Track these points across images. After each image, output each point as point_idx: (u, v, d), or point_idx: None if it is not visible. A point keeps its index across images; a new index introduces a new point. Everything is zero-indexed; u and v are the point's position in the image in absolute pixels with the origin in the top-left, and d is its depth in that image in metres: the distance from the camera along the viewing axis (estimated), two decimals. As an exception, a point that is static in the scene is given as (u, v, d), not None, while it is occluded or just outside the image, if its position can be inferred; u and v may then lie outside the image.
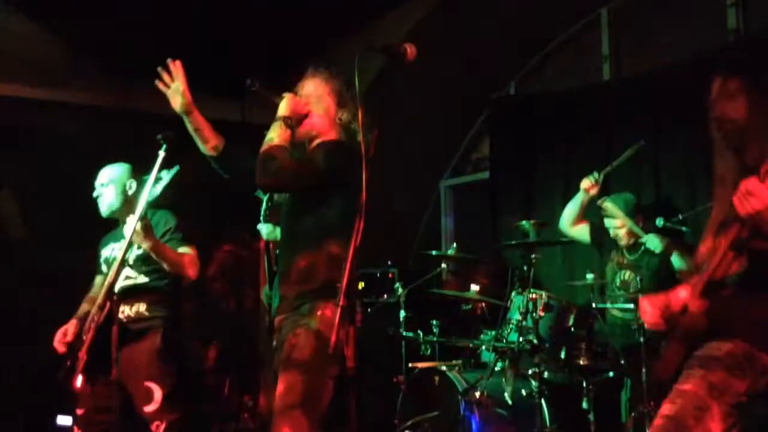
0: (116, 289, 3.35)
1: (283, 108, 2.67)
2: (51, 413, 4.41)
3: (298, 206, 2.68)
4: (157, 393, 3.20)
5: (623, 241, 4.12)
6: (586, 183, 4.17)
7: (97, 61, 5.02)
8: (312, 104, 2.74)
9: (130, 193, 3.50)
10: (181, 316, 3.44)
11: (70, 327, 3.37)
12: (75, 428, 3.26)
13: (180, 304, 3.46)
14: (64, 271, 4.18)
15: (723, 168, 2.23)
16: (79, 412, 3.27)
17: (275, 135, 2.61)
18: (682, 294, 2.24)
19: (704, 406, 2.01)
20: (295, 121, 2.68)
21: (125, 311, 3.37)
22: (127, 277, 3.39)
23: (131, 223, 2.91)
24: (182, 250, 3.39)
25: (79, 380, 3.04)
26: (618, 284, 4.12)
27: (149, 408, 3.20)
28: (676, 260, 3.88)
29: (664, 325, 2.24)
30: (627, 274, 4.11)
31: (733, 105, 2.18)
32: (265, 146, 2.59)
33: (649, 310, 2.27)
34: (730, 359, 2.04)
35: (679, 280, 3.48)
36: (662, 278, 3.85)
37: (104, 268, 3.52)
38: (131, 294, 3.38)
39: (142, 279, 3.39)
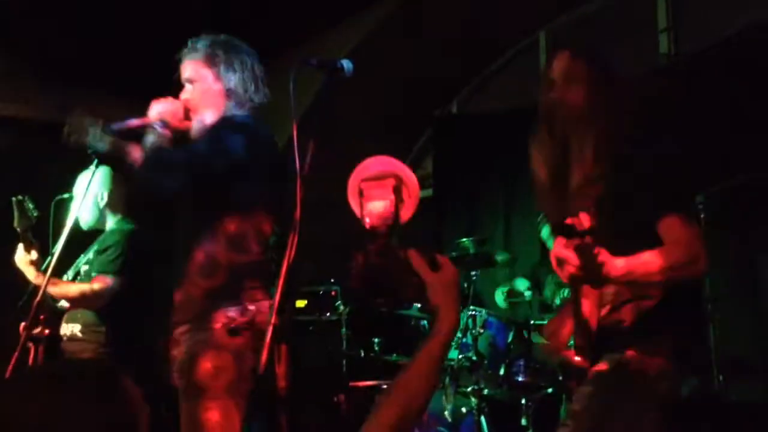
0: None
1: (152, 117, 2.37)
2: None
3: (193, 200, 2.37)
4: None
5: None
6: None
7: (32, 73, 4.89)
8: (185, 92, 2.43)
9: (102, 204, 3.38)
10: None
11: None
12: None
13: (132, 327, 3.23)
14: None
15: (541, 157, 2.16)
16: None
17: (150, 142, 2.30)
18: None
19: (597, 427, 1.93)
20: (169, 120, 2.38)
21: (65, 329, 3.24)
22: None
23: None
24: (97, 277, 3.17)
25: None
26: (559, 303, 4.18)
27: None
28: None
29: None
30: (567, 292, 4.17)
31: (575, 89, 2.07)
32: (145, 156, 2.29)
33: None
34: (619, 372, 1.95)
35: None
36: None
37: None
38: (73, 311, 3.24)
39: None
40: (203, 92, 2.42)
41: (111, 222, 3.40)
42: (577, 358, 2.05)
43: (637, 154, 1.98)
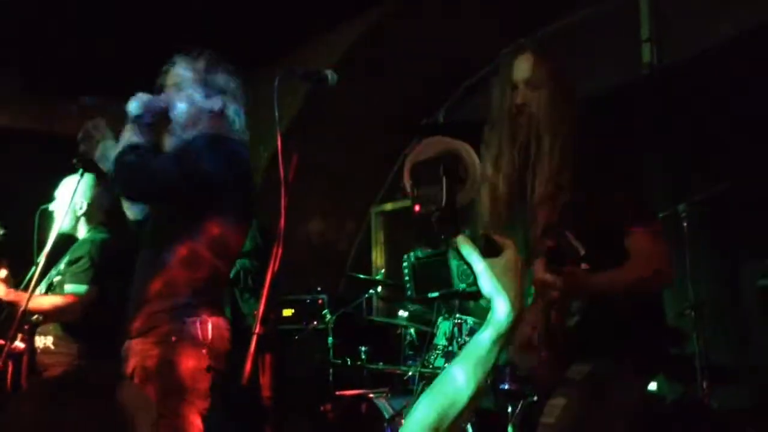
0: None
1: (134, 108, 2.35)
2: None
3: (164, 220, 2.36)
4: None
5: None
6: None
7: (15, 82, 4.88)
8: (171, 96, 2.40)
9: (79, 213, 3.34)
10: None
11: None
12: None
13: (105, 338, 3.16)
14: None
15: (499, 164, 2.12)
16: None
17: (129, 138, 2.30)
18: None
19: None
20: (151, 119, 2.36)
21: (38, 341, 3.20)
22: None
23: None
24: (69, 289, 3.14)
25: None
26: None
27: None
28: None
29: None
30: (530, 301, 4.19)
31: (539, 96, 2.02)
32: (120, 149, 2.29)
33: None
34: (590, 383, 1.93)
35: None
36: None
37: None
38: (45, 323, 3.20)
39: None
40: (190, 105, 2.39)
41: (84, 230, 3.37)
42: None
43: (604, 164, 1.97)
